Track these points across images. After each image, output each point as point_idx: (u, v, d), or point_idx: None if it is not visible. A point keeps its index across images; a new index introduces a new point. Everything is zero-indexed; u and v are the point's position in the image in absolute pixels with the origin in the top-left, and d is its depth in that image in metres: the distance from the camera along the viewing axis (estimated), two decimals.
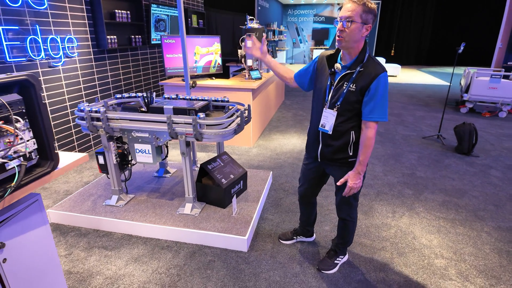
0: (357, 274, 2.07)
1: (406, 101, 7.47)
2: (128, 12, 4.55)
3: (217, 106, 2.73)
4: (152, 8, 5.12)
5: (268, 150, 4.24)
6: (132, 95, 2.69)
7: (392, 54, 15.48)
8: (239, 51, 4.51)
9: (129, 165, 2.74)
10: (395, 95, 8.16)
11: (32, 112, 1.25)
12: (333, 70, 1.69)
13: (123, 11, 4.45)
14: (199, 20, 7.04)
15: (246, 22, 4.49)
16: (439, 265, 2.15)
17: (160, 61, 5.76)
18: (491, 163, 3.86)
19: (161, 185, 2.99)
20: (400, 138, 4.76)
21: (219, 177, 2.60)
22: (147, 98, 2.55)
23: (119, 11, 4.37)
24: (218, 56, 4.50)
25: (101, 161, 2.60)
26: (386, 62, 13.18)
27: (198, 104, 2.43)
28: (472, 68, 6.45)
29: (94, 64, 4.07)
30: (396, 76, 11.70)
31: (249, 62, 4.47)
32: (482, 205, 2.92)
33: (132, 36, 4.78)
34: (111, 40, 4.20)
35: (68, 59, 3.66)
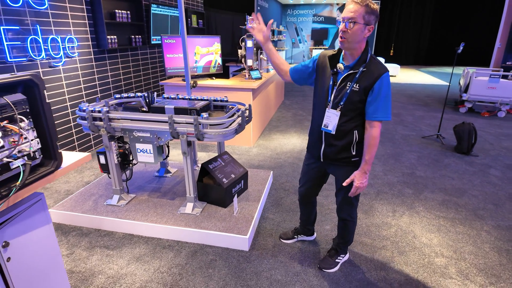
0: (358, 273, 2.08)
1: (406, 101, 7.49)
2: (128, 12, 4.56)
3: (218, 106, 2.74)
4: (152, 8, 5.13)
5: (268, 150, 4.25)
6: (131, 95, 2.70)
7: (391, 54, 15.51)
8: (239, 51, 4.52)
9: (130, 165, 2.74)
10: (394, 95, 8.18)
11: (36, 112, 1.26)
12: (336, 70, 1.69)
13: (123, 11, 4.45)
14: (199, 20, 7.05)
15: (246, 22, 4.49)
16: (440, 264, 2.16)
17: (160, 61, 5.76)
18: (491, 163, 3.88)
19: (162, 185, 2.99)
20: (400, 138, 4.78)
21: (220, 177, 2.61)
22: (148, 98, 2.56)
23: (119, 11, 4.37)
24: (218, 56, 4.51)
25: (102, 161, 2.60)
26: (385, 62, 13.20)
27: (199, 104, 2.44)
28: (471, 68, 6.47)
29: (95, 64, 4.08)
30: (395, 76, 11.72)
31: (249, 62, 4.48)
32: (482, 204, 2.93)
33: (132, 36, 4.79)
34: (111, 40, 4.21)
35: (69, 59, 3.66)
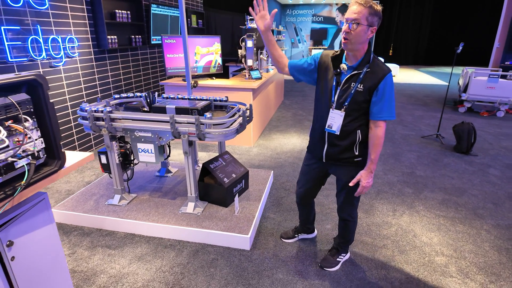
0: (359, 272, 2.09)
1: (405, 101, 7.51)
2: (128, 12, 4.56)
3: (218, 106, 2.74)
4: (152, 8, 5.13)
5: (269, 150, 4.26)
6: (130, 95, 2.71)
7: (390, 54, 15.54)
8: (239, 51, 4.52)
9: (132, 165, 2.75)
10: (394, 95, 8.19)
11: (40, 112, 1.27)
12: (339, 71, 1.69)
13: (123, 11, 4.46)
14: (199, 20, 7.05)
15: (246, 22, 4.50)
16: (440, 263, 2.17)
17: (160, 61, 5.76)
18: (490, 162, 3.90)
19: (163, 185, 3.00)
20: (400, 138, 4.79)
21: (221, 176, 2.62)
22: (149, 98, 2.57)
23: (119, 11, 4.37)
24: (219, 56, 4.52)
25: (104, 161, 2.61)
26: (385, 62, 13.18)
27: (200, 104, 2.45)
28: (470, 68, 6.49)
29: (95, 64, 4.08)
30: (395, 76, 11.75)
31: (249, 62, 4.49)
32: (481, 204, 2.95)
33: (132, 36, 4.79)
34: (112, 40, 4.21)
35: (69, 59, 3.66)
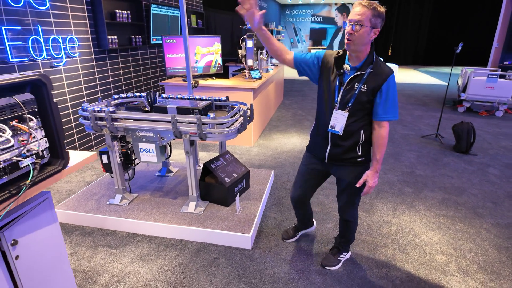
0: (360, 270, 2.10)
1: (404, 101, 7.53)
2: (129, 12, 4.57)
3: (219, 106, 2.75)
4: (152, 8, 5.13)
5: (269, 150, 4.27)
6: (131, 95, 2.72)
7: (390, 54, 15.58)
8: (240, 51, 4.53)
9: (133, 164, 2.75)
10: None
11: (44, 111, 1.27)
12: (342, 71, 1.68)
13: (124, 11, 4.46)
14: (198, 20, 7.06)
15: (247, 23, 4.51)
16: (440, 261, 2.19)
17: (160, 61, 5.77)
18: (489, 162, 3.91)
19: (164, 184, 3.00)
20: (399, 137, 4.81)
21: (222, 176, 2.62)
22: (150, 98, 2.57)
23: (120, 11, 4.37)
24: (219, 56, 4.53)
25: (105, 161, 2.61)
26: (384, 62, 13.24)
27: (202, 104, 2.46)
28: (469, 68, 6.51)
29: (95, 64, 4.08)
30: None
31: (250, 62, 4.49)
32: (481, 203, 2.96)
33: (132, 36, 4.79)
34: (112, 40, 4.21)
35: (70, 59, 3.67)
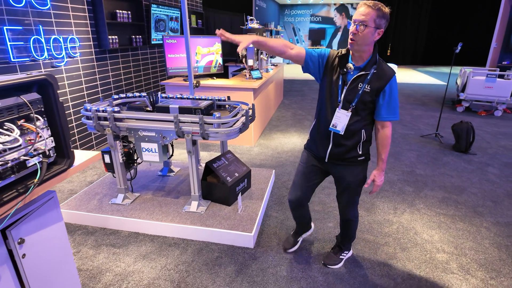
0: (362, 269, 2.12)
1: (404, 101, 7.56)
2: (129, 12, 4.57)
3: (221, 106, 2.77)
4: (152, 8, 5.14)
5: (270, 149, 4.29)
6: (131, 95, 2.72)
7: (389, 54, 15.61)
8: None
9: (135, 164, 2.76)
10: None
11: (50, 111, 1.28)
12: (345, 71, 1.68)
13: (124, 11, 4.46)
14: (198, 20, 7.07)
15: (247, 22, 4.53)
16: (441, 259, 2.21)
17: (160, 61, 5.78)
18: (488, 161, 3.94)
19: (166, 184, 3.01)
20: (399, 137, 4.83)
21: (224, 175, 2.64)
22: (152, 98, 2.58)
23: (120, 11, 4.38)
24: (219, 56, 4.54)
25: (107, 160, 2.62)
26: (384, 61, 13.29)
27: (203, 104, 2.47)
28: (468, 68, 6.54)
29: (96, 64, 4.09)
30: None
31: (250, 62, 4.51)
32: (481, 202, 2.99)
33: (133, 36, 4.80)
34: (112, 40, 4.22)
35: (71, 59, 3.67)
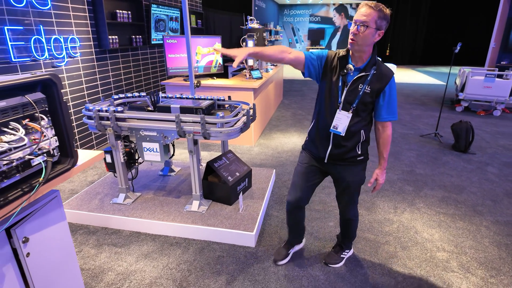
0: (363, 268, 2.13)
1: (403, 100, 7.58)
2: (129, 12, 4.58)
3: (220, 105, 2.77)
4: (152, 8, 5.15)
5: (270, 149, 4.30)
6: (131, 95, 2.73)
7: (388, 54, 15.65)
8: None
9: (136, 164, 2.77)
10: None
11: (54, 110, 1.29)
12: (345, 71, 1.68)
13: (124, 11, 4.47)
14: (198, 20, 7.08)
15: (247, 22, 4.54)
16: (441, 258, 2.22)
17: (160, 61, 5.78)
18: (488, 160, 3.96)
19: (167, 183, 3.02)
20: (399, 137, 4.85)
21: (225, 175, 2.64)
22: (153, 98, 2.59)
23: (120, 11, 4.39)
24: (219, 56, 4.55)
25: (108, 160, 2.63)
26: (382, 62, 13.31)
27: (205, 103, 2.48)
28: (467, 68, 6.57)
29: (96, 64, 4.09)
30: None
31: (250, 62, 4.52)
32: (480, 201, 3.00)
33: (133, 36, 4.80)
34: (113, 40, 4.22)
35: (71, 59, 3.67)
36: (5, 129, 1.07)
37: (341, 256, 2.17)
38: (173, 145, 3.04)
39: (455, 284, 1.99)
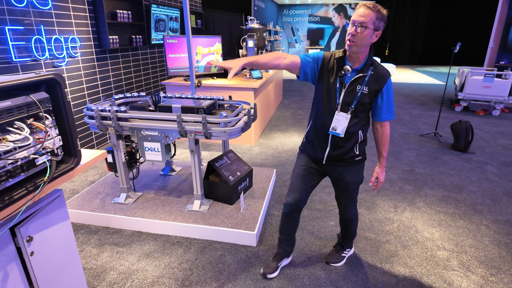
0: (364, 266, 2.14)
1: (402, 100, 7.60)
2: (129, 12, 4.58)
3: (222, 105, 2.78)
4: (152, 8, 5.15)
5: (270, 149, 4.31)
6: (133, 95, 2.74)
7: (387, 54, 15.68)
8: (240, 51, 4.56)
9: (137, 163, 2.77)
10: None
11: (58, 110, 1.29)
12: (343, 73, 1.67)
13: (124, 11, 4.47)
14: (197, 20, 7.08)
15: (247, 22, 4.54)
16: (442, 257, 2.23)
17: (160, 61, 5.78)
18: (487, 160, 3.98)
19: (168, 183, 3.03)
20: (398, 136, 4.86)
21: (227, 174, 2.65)
22: (154, 97, 2.60)
23: (120, 11, 4.39)
24: (219, 56, 4.55)
25: (110, 160, 2.63)
26: (381, 62, 13.32)
27: (206, 103, 2.48)
28: (466, 68, 6.59)
29: (96, 64, 4.09)
30: (391, 76, 11.83)
31: None
32: (480, 200, 3.02)
33: (133, 36, 4.81)
34: (113, 40, 4.22)
35: (72, 59, 3.68)
36: (10, 128, 1.08)
37: (342, 255, 2.19)
38: (174, 145, 3.05)
39: (456, 283, 2.00)
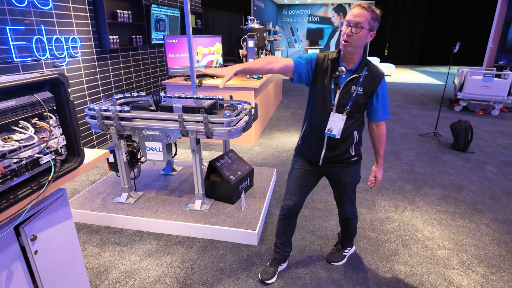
0: (365, 265, 2.15)
1: (402, 100, 7.62)
2: (129, 12, 4.58)
3: (223, 105, 2.79)
4: (152, 8, 5.16)
5: (270, 148, 4.32)
6: (135, 95, 2.74)
7: (386, 54, 15.69)
8: (240, 51, 4.57)
9: (138, 163, 2.78)
10: (391, 94, 8.30)
11: (61, 109, 1.30)
12: (337, 74, 1.66)
13: (124, 11, 4.48)
14: (197, 20, 7.09)
15: (247, 22, 4.55)
16: (442, 256, 2.24)
17: (160, 61, 5.79)
18: (487, 159, 3.99)
19: (169, 183, 3.03)
20: (398, 136, 4.88)
21: (228, 174, 2.66)
22: (155, 97, 2.60)
23: (121, 11, 4.39)
24: (220, 56, 4.56)
25: (111, 159, 2.64)
26: (380, 62, 13.35)
27: (207, 103, 2.49)
28: (465, 68, 6.61)
29: (97, 64, 4.10)
30: (391, 76, 11.87)
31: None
32: (480, 199, 3.03)
33: (133, 36, 4.81)
34: (113, 40, 4.23)
35: (72, 59, 3.68)
36: (15, 128, 1.09)
37: (343, 254, 2.20)
38: (175, 145, 3.06)
39: (456, 281, 2.02)
